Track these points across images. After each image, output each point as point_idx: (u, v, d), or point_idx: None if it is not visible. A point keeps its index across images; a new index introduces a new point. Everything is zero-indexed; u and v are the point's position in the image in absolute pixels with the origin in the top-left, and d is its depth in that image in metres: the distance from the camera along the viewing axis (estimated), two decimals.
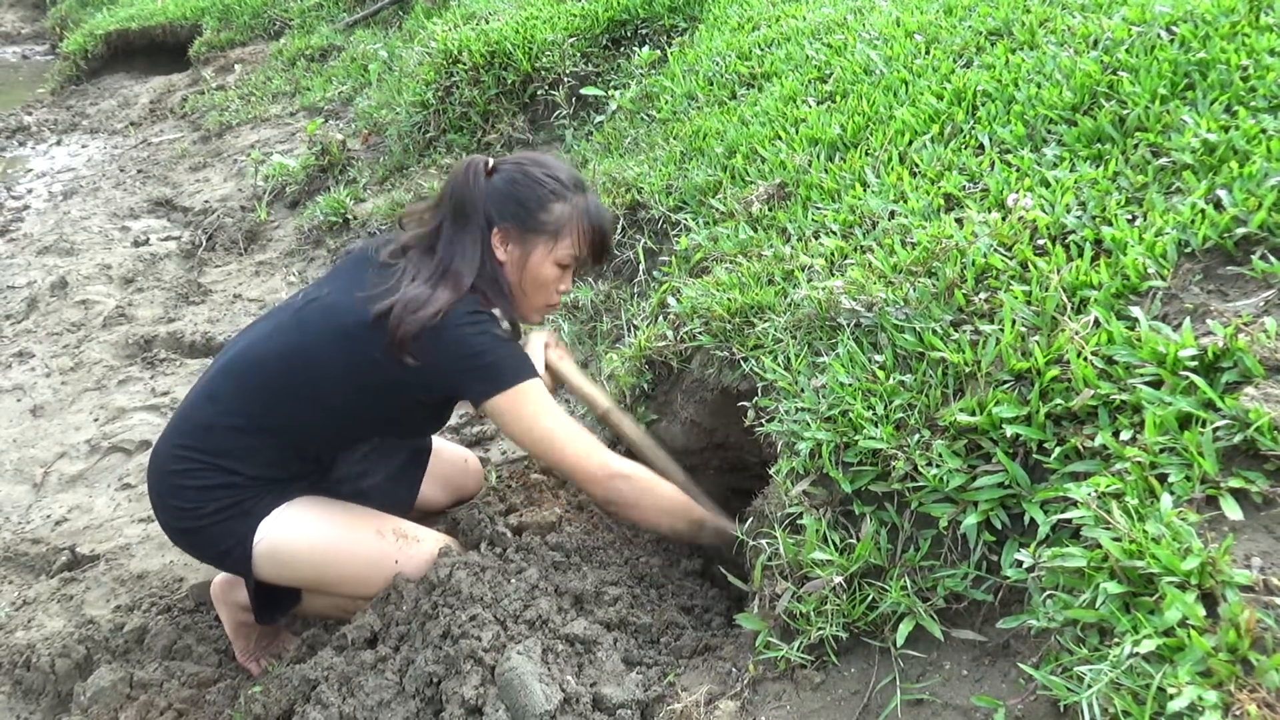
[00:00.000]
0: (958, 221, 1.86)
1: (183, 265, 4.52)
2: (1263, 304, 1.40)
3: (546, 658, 1.53)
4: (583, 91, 4.11)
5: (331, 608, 2.00)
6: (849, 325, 1.77)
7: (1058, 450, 1.33)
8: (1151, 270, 1.51)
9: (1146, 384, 1.32)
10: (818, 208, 2.25)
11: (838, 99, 2.76)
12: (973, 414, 1.43)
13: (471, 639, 1.57)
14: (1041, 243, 1.69)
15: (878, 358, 1.66)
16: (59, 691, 2.06)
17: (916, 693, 1.31)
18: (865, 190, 2.19)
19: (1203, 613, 1.05)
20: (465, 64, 4.48)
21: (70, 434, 3.14)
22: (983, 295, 1.63)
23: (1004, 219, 1.77)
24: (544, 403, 1.77)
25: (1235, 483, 1.17)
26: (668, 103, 3.48)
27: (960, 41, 2.70)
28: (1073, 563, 1.18)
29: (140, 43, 9.10)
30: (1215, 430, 1.22)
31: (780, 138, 2.67)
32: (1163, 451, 1.24)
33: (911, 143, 2.30)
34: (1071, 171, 1.87)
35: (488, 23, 4.90)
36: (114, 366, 3.55)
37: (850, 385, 1.63)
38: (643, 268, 2.80)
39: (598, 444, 1.81)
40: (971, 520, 1.35)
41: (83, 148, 6.87)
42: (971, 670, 1.31)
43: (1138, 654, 1.05)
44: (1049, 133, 2.07)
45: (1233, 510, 1.16)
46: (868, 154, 2.36)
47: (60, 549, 2.53)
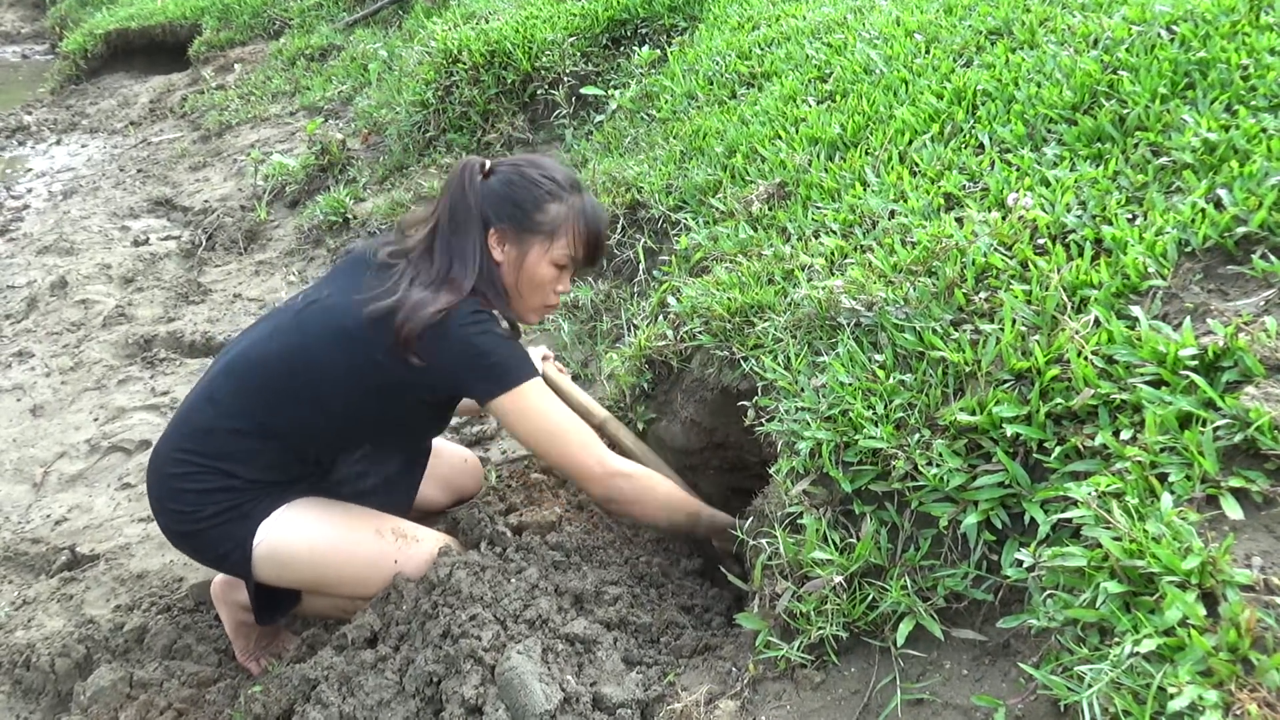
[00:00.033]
0: (958, 221, 1.86)
1: (182, 265, 4.52)
2: (1263, 303, 1.39)
3: (546, 657, 1.53)
4: (583, 91, 4.11)
5: (331, 608, 2.00)
6: (849, 324, 1.77)
7: (1058, 450, 1.33)
8: (1152, 269, 1.51)
9: (1147, 383, 1.32)
10: (818, 207, 2.25)
11: (838, 98, 2.76)
12: (973, 413, 1.43)
13: (471, 638, 1.57)
14: (1042, 242, 1.69)
15: (878, 357, 1.66)
16: (59, 691, 2.06)
17: (917, 692, 1.31)
18: (865, 190, 2.19)
19: (1203, 612, 1.05)
20: (465, 63, 4.48)
21: (70, 433, 3.14)
22: (983, 295, 1.62)
23: (1004, 218, 1.77)
24: (547, 402, 1.78)
25: (1236, 482, 1.17)
26: (667, 102, 3.48)
27: (960, 41, 2.70)
28: (1073, 562, 1.18)
29: (140, 42, 9.11)
30: (1216, 429, 1.22)
31: (780, 137, 2.67)
32: (1163, 451, 1.24)
33: (911, 142, 2.30)
34: (1072, 171, 1.87)
35: (487, 22, 4.90)
36: (114, 366, 3.55)
37: (850, 385, 1.63)
38: (643, 267, 2.80)
39: (599, 443, 1.82)
40: (972, 520, 1.35)
41: (82, 147, 6.87)
42: (972, 670, 1.31)
43: (1138, 653, 1.05)
44: (1049, 132, 2.07)
45: (1233, 510, 1.15)
46: (868, 153, 2.36)
47: (60, 548, 2.53)
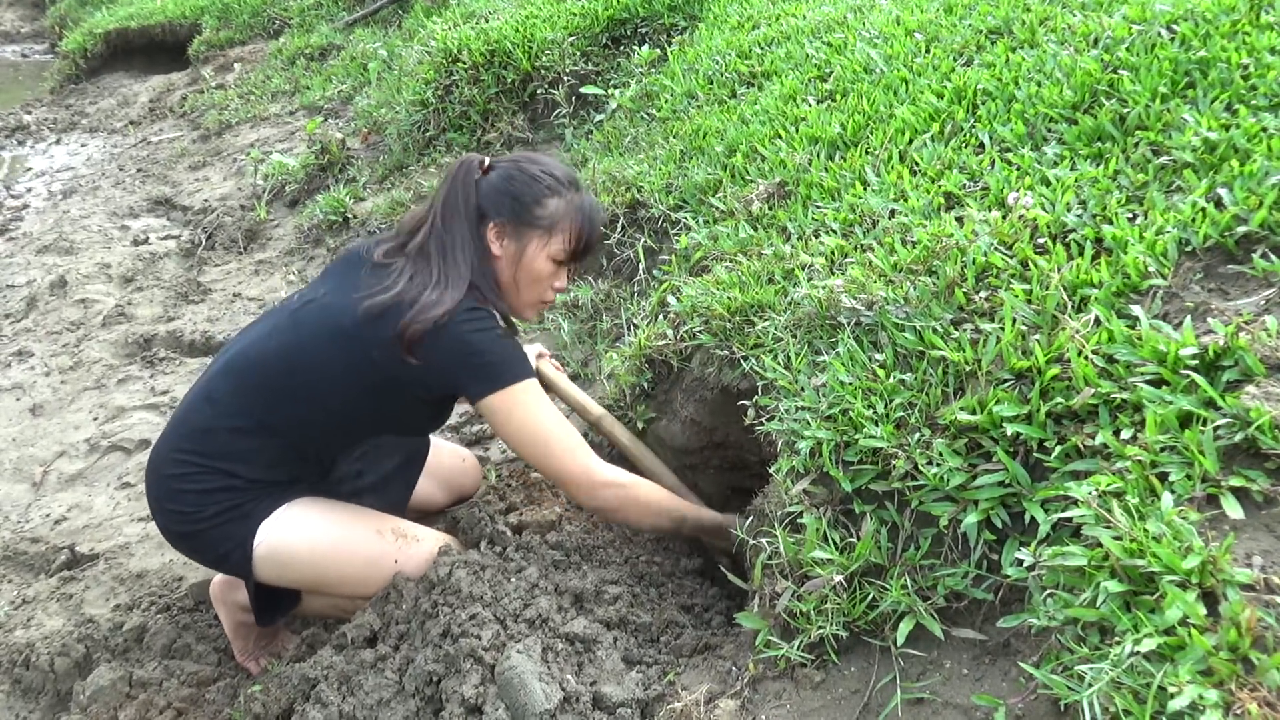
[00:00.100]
0: (958, 220, 1.86)
1: (182, 264, 4.52)
2: (1263, 302, 1.39)
3: (546, 656, 1.53)
4: (582, 90, 4.10)
5: (331, 608, 2.00)
6: (849, 324, 1.76)
7: (1058, 449, 1.33)
8: (1152, 269, 1.51)
9: (1147, 383, 1.32)
10: (818, 206, 2.25)
11: (838, 97, 2.76)
12: (973, 413, 1.43)
13: (471, 638, 1.57)
14: (1042, 241, 1.69)
15: (878, 356, 1.66)
16: (58, 690, 2.06)
17: (917, 691, 1.31)
18: (865, 189, 2.19)
19: (1203, 611, 1.05)
20: (465, 63, 4.47)
21: (70, 433, 3.14)
22: (983, 294, 1.62)
23: (1004, 217, 1.77)
24: (538, 404, 1.76)
25: (1236, 481, 1.17)
26: (667, 101, 3.47)
27: (960, 40, 2.69)
28: (1073, 561, 1.18)
29: (139, 41, 9.12)
30: (1216, 429, 1.22)
31: (780, 136, 2.67)
32: (1163, 450, 1.23)
33: (912, 141, 2.30)
34: (1072, 170, 1.87)
35: (487, 21, 4.90)
36: (113, 365, 3.55)
37: (850, 384, 1.63)
38: (643, 266, 2.80)
39: (586, 449, 1.80)
40: (972, 519, 1.35)
41: (82, 146, 6.86)
42: (972, 669, 1.30)
43: (1138, 653, 1.05)
44: (1049, 131, 2.07)
45: (1233, 509, 1.15)
46: (868, 153, 2.35)
47: (59, 548, 2.53)
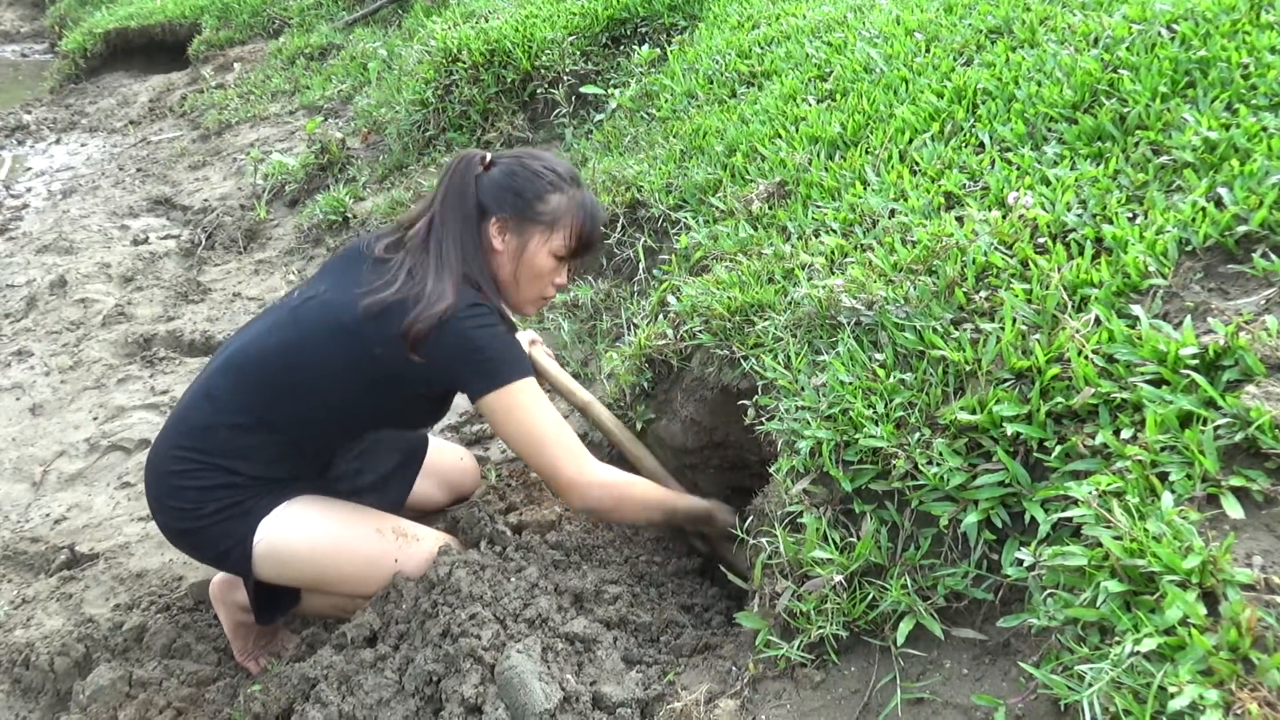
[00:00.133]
0: (958, 220, 1.86)
1: (182, 264, 4.51)
2: (1264, 302, 1.39)
3: (546, 656, 1.53)
4: (582, 90, 4.10)
5: (331, 607, 2.00)
6: (849, 323, 1.76)
7: (1058, 449, 1.32)
8: (1152, 268, 1.51)
9: (1147, 382, 1.32)
10: (818, 206, 2.24)
11: (838, 97, 2.76)
12: (973, 412, 1.43)
13: (471, 637, 1.56)
14: (1042, 241, 1.69)
15: (878, 356, 1.65)
16: (58, 690, 2.06)
17: (917, 691, 1.31)
18: (865, 188, 2.18)
19: (1204, 611, 1.05)
20: (465, 62, 4.47)
21: (69, 432, 3.14)
22: (983, 293, 1.62)
23: (1004, 217, 1.77)
24: (536, 403, 1.76)
25: (1236, 481, 1.17)
26: (667, 101, 3.47)
27: (960, 40, 2.69)
28: (1073, 561, 1.18)
29: (139, 41, 9.12)
30: (1216, 428, 1.22)
31: (780, 136, 2.67)
32: (1164, 450, 1.23)
33: (912, 141, 2.30)
34: (1072, 169, 1.87)
35: (487, 21, 4.89)
36: (113, 365, 3.55)
37: (850, 384, 1.63)
38: (643, 266, 2.80)
39: (582, 450, 1.79)
40: (972, 519, 1.35)
41: (82, 146, 6.86)
42: (972, 669, 1.30)
43: (1138, 653, 1.05)
44: (1049, 131, 2.07)
45: (1234, 509, 1.15)
46: (868, 152, 2.35)
47: (59, 547, 2.53)
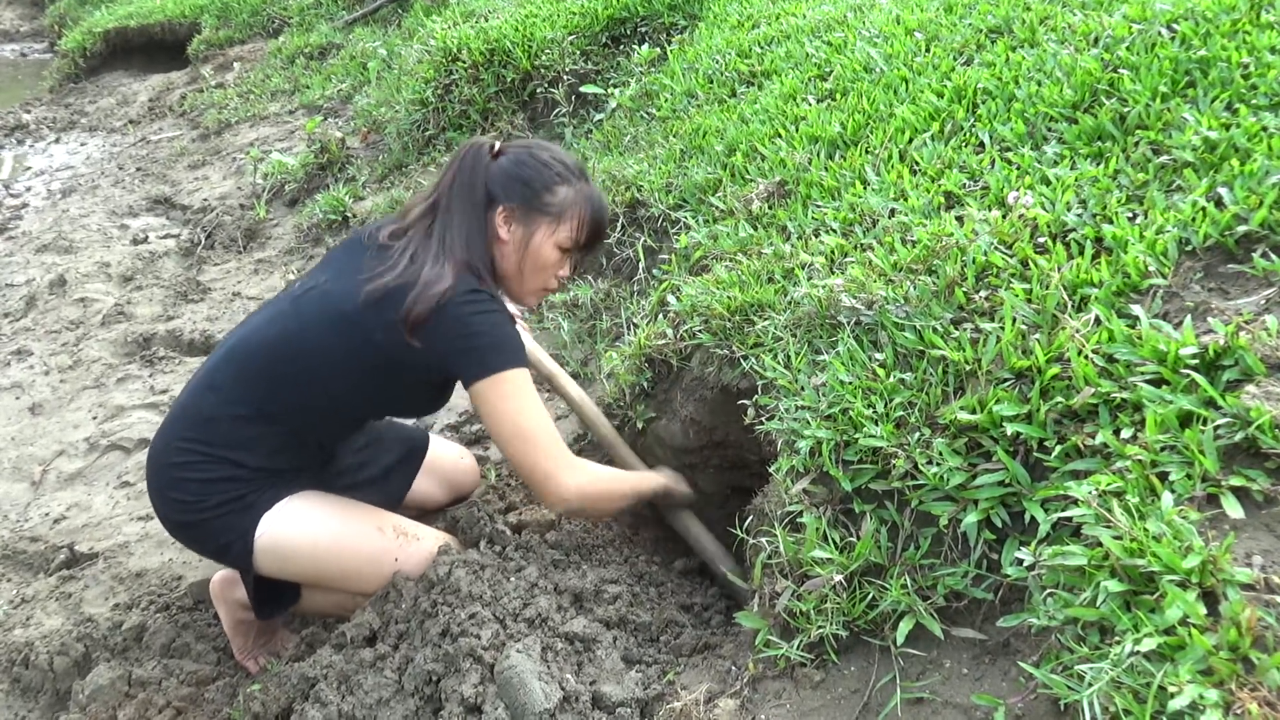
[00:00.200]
0: (958, 219, 1.86)
1: (181, 263, 4.51)
2: (1264, 302, 1.39)
3: (546, 656, 1.53)
4: (582, 89, 4.10)
5: (331, 605, 2.00)
6: (849, 323, 1.76)
7: (1058, 448, 1.32)
8: (1152, 268, 1.51)
9: (1147, 382, 1.32)
10: (818, 206, 2.24)
11: (838, 97, 2.75)
12: (973, 412, 1.43)
13: (471, 637, 1.56)
14: (1042, 241, 1.69)
15: (878, 356, 1.65)
16: (57, 689, 2.05)
17: (916, 691, 1.31)
18: (865, 188, 2.18)
19: (1204, 611, 1.05)
20: (464, 62, 4.47)
21: (69, 432, 3.13)
22: (983, 293, 1.62)
23: (1004, 217, 1.77)
24: (527, 398, 1.73)
25: (1236, 481, 1.17)
26: (667, 101, 3.47)
27: (960, 39, 2.69)
28: (1073, 561, 1.18)
29: (139, 40, 9.11)
30: (1216, 428, 1.22)
31: (780, 135, 2.67)
32: (1164, 450, 1.23)
33: (912, 140, 2.30)
34: (1072, 169, 1.87)
35: (487, 20, 4.89)
36: (113, 364, 3.55)
37: (850, 383, 1.63)
38: (642, 266, 2.80)
39: (564, 451, 1.77)
40: (972, 518, 1.35)
41: (81, 145, 6.86)
42: (972, 669, 1.30)
43: (1138, 652, 1.05)
44: (1049, 130, 2.07)
45: (1234, 508, 1.15)
46: (868, 152, 2.35)
47: (59, 547, 2.53)
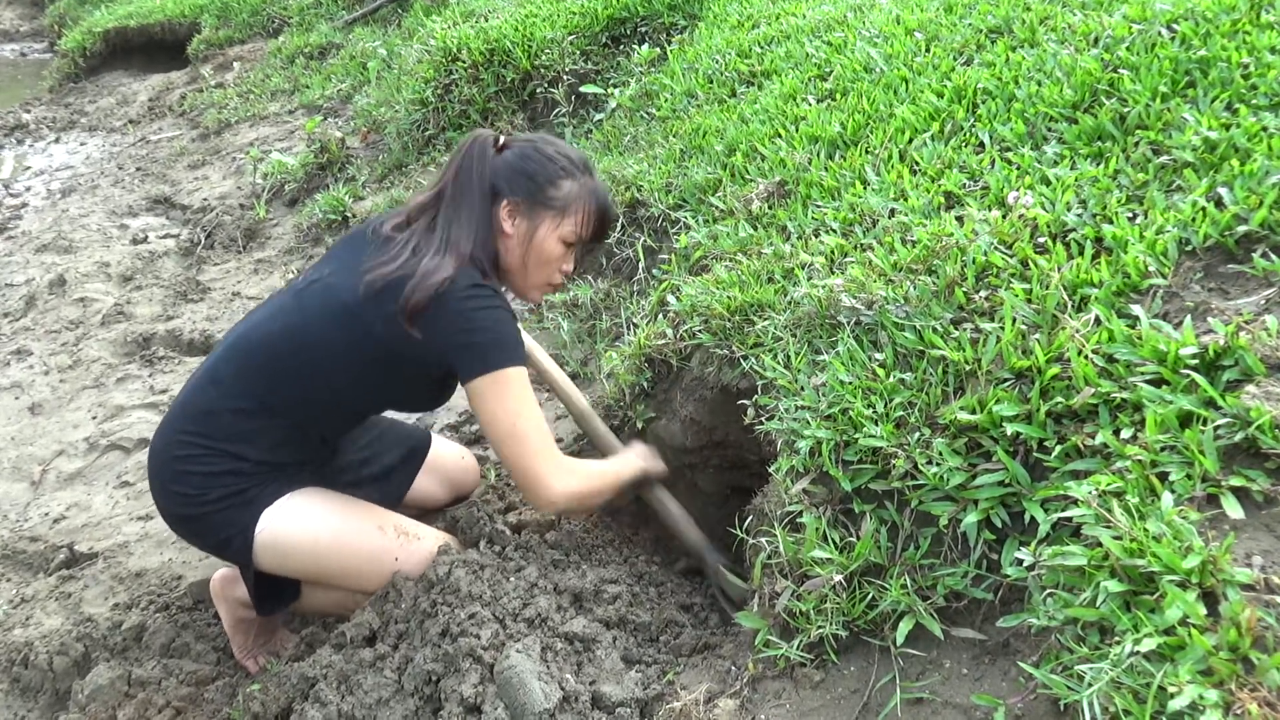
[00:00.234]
0: (958, 219, 1.86)
1: (181, 263, 4.51)
2: (1264, 302, 1.39)
3: (545, 656, 1.53)
4: (582, 89, 4.10)
5: (331, 604, 2.00)
6: (849, 323, 1.76)
7: (1058, 448, 1.32)
8: (1152, 268, 1.51)
9: (1147, 382, 1.32)
10: (818, 206, 2.24)
11: (838, 97, 2.75)
12: (973, 412, 1.43)
13: (470, 637, 1.56)
14: (1042, 241, 1.69)
15: (878, 356, 1.65)
16: (57, 689, 2.05)
17: (916, 691, 1.31)
18: (865, 188, 2.18)
19: (1203, 611, 1.05)
20: (464, 62, 4.47)
21: (68, 432, 3.13)
22: (983, 293, 1.62)
23: (1004, 217, 1.77)
24: (524, 398, 1.73)
25: (1236, 481, 1.17)
26: (667, 100, 3.47)
27: (960, 39, 2.69)
28: (1073, 561, 1.18)
29: (139, 40, 9.11)
30: (1216, 428, 1.22)
31: (780, 136, 2.67)
32: (1164, 450, 1.23)
33: (912, 140, 2.30)
34: (1072, 169, 1.87)
35: (487, 20, 4.89)
36: (112, 364, 3.55)
37: (850, 383, 1.63)
38: (642, 266, 2.80)
39: (555, 453, 1.77)
40: (972, 518, 1.35)
41: (81, 145, 6.86)
42: (971, 669, 1.30)
43: (1138, 653, 1.05)
44: (1049, 130, 2.07)
45: (1234, 509, 1.15)
46: (868, 152, 2.35)
47: (58, 547, 2.53)
